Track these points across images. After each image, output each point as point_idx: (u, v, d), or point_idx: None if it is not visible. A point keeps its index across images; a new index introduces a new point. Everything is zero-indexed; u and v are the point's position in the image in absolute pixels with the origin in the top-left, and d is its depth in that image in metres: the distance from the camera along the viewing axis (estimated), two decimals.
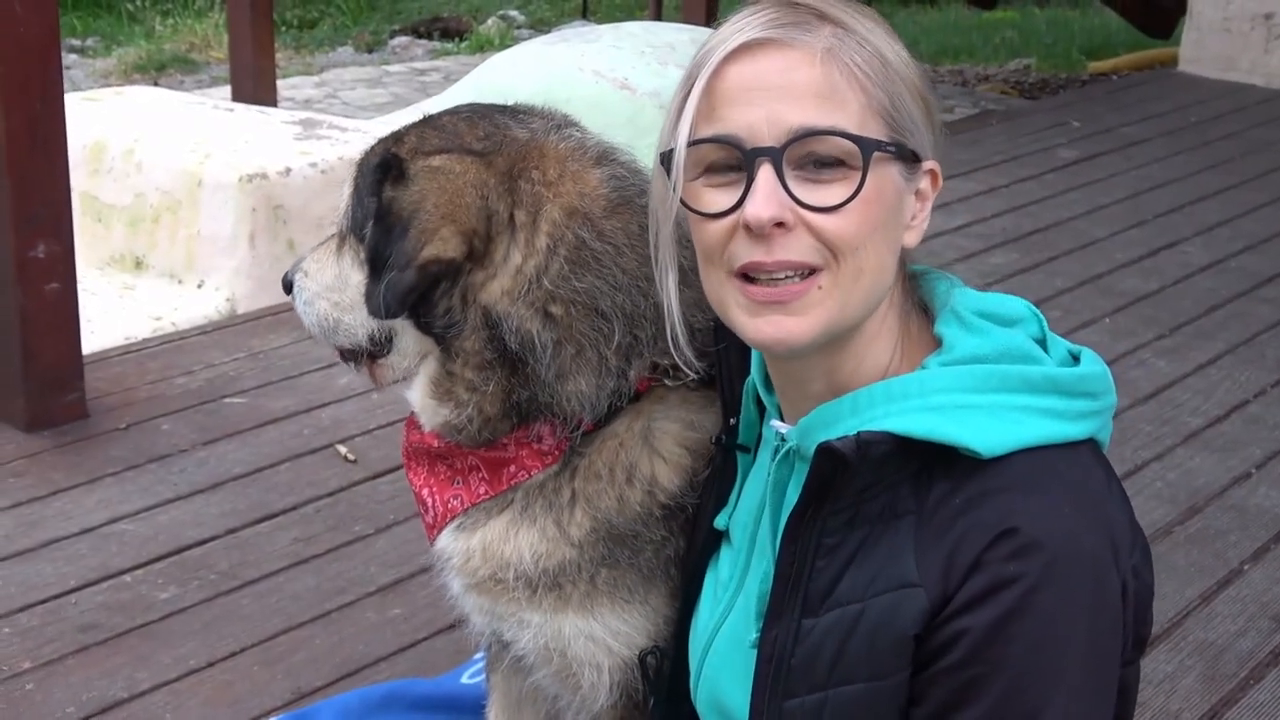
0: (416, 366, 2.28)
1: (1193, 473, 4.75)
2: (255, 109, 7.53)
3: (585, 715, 2.34)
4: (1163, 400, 5.30)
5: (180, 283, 6.27)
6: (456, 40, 14.74)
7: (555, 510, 2.21)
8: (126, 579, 3.97)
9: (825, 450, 1.78)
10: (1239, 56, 10.46)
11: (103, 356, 5.33)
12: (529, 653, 2.31)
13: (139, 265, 6.40)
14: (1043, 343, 1.93)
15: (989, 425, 1.77)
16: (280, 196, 6.24)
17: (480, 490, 2.26)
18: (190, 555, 4.10)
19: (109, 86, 10.09)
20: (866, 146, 1.76)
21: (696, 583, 2.15)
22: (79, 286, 4.87)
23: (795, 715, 1.83)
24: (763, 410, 2.08)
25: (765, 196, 1.76)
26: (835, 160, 1.77)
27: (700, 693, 2.10)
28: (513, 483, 2.22)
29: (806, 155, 1.77)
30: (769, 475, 1.98)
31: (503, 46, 13.08)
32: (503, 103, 2.36)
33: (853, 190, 1.76)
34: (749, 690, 1.90)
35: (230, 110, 7.34)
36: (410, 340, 2.25)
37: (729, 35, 1.82)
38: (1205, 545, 4.31)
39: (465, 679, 3.35)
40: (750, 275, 1.81)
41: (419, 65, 13.53)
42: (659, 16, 11.51)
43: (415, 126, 2.27)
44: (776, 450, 1.98)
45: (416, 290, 2.14)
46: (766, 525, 1.98)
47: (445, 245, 2.12)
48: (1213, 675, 3.67)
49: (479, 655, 3.14)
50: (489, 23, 15.33)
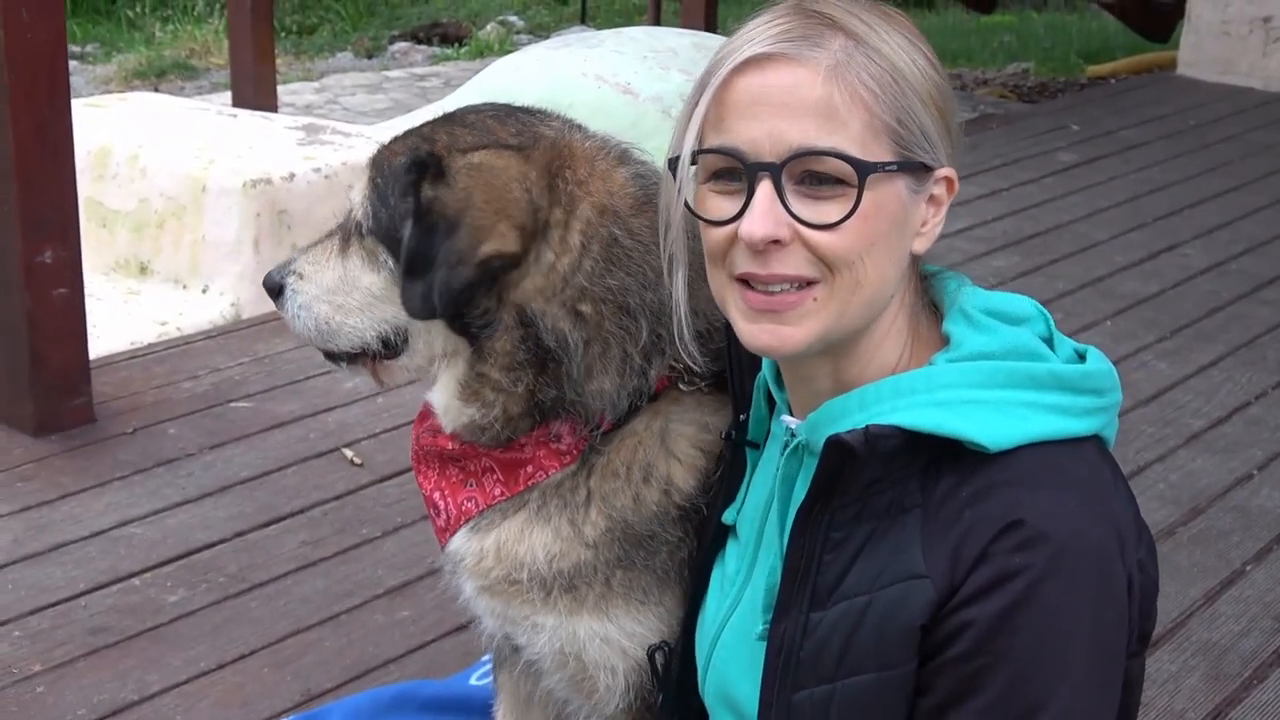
0: (430, 367, 2.27)
1: (1195, 474, 4.78)
2: (258, 114, 7.55)
3: (597, 718, 2.35)
4: (1164, 402, 5.32)
5: (185, 288, 6.29)
6: (456, 46, 14.76)
7: (571, 509, 2.22)
8: (136, 582, 3.99)
9: (834, 443, 1.81)
10: (1237, 59, 10.49)
11: (109, 361, 5.35)
12: (543, 657, 2.31)
13: (144, 270, 6.43)
14: (1049, 341, 1.95)
15: (995, 420, 1.80)
16: (284, 201, 6.26)
17: (496, 492, 2.26)
18: (199, 558, 4.12)
19: (109, 93, 10.12)
20: (863, 169, 1.78)
21: (703, 577, 2.18)
22: (85, 292, 4.89)
23: (804, 707, 1.85)
24: (772, 406, 2.11)
25: (762, 213, 1.79)
26: (833, 178, 1.79)
27: (708, 686, 2.12)
28: (530, 483, 2.23)
29: (805, 173, 1.80)
30: (777, 470, 2.01)
31: (502, 52, 13.10)
32: (509, 104, 2.36)
33: (849, 209, 1.79)
34: (757, 683, 1.92)
35: (233, 116, 7.36)
36: (432, 340, 2.23)
37: (740, 46, 1.84)
38: (1208, 546, 4.33)
39: (474, 680, 3.37)
40: (749, 281, 1.85)
41: (419, 71, 13.55)
42: (658, 21, 11.54)
43: (441, 125, 2.24)
44: (786, 445, 2.00)
45: (474, 287, 2.12)
46: (774, 519, 2.00)
47: (504, 240, 2.11)
48: (1216, 675, 3.69)
49: (486, 657, 3.16)
50: (488, 28, 15.35)
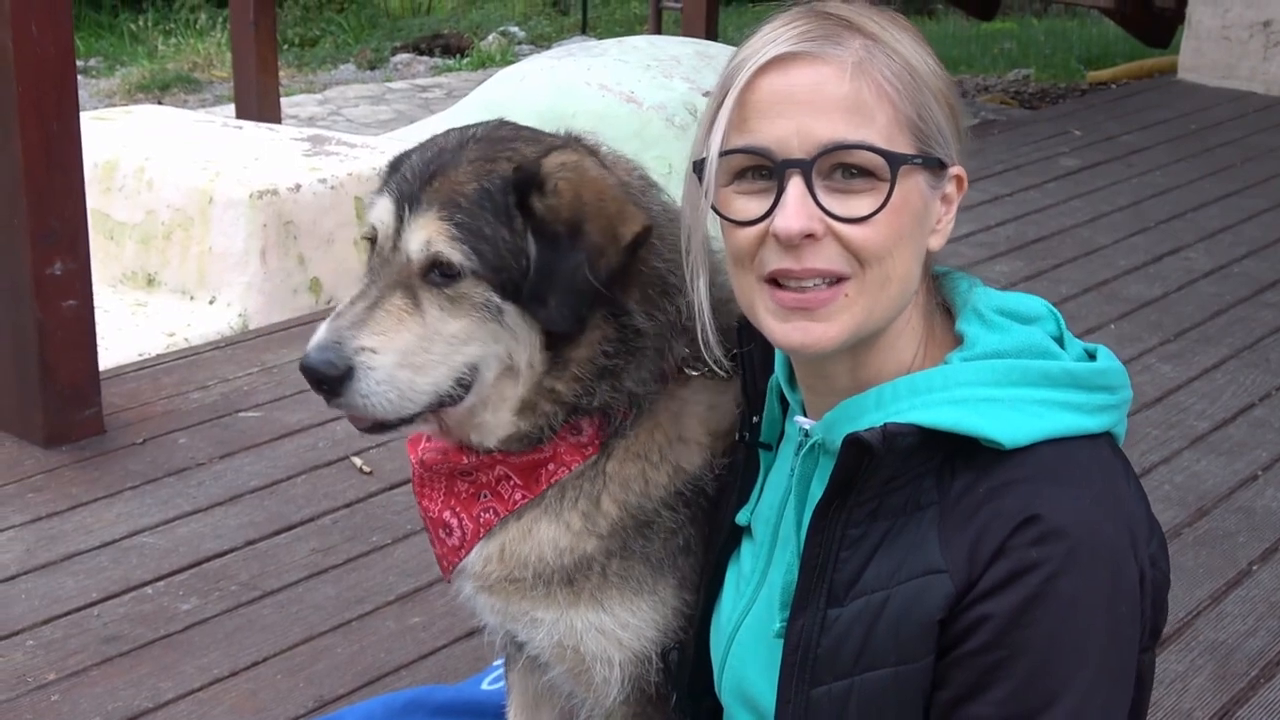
0: (489, 394, 2.20)
1: (1200, 475, 4.80)
2: (263, 126, 7.59)
3: (599, 713, 2.37)
4: (1168, 404, 5.35)
5: (192, 299, 6.32)
6: (458, 57, 14.82)
7: (586, 500, 2.24)
8: (148, 591, 4.01)
9: (852, 441, 1.83)
10: (1238, 64, 10.52)
11: (118, 372, 5.38)
12: (542, 651, 2.34)
13: (151, 282, 6.46)
14: (1060, 340, 1.98)
15: (1011, 417, 1.83)
16: (291, 212, 6.29)
17: (517, 497, 2.27)
18: (210, 567, 4.14)
19: (113, 106, 10.15)
20: (894, 160, 1.81)
21: (718, 578, 2.20)
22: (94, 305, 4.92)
23: (822, 703, 1.88)
24: (785, 407, 2.13)
25: (795, 209, 1.81)
26: (863, 171, 1.82)
27: (725, 684, 2.14)
28: (552, 480, 2.24)
29: (835, 167, 1.83)
30: (793, 469, 2.03)
31: (504, 62, 13.16)
32: (502, 118, 2.38)
33: (881, 202, 1.82)
34: (775, 680, 1.94)
35: (239, 128, 7.40)
36: (514, 362, 2.17)
37: (761, 47, 1.87)
38: (1214, 547, 4.35)
39: (486, 685, 3.38)
40: (779, 280, 1.86)
41: (421, 82, 13.61)
42: (659, 31, 11.58)
43: (491, 147, 2.19)
44: (800, 445, 2.03)
45: (624, 272, 2.14)
46: (791, 518, 2.03)
47: (636, 218, 2.14)
48: (1224, 674, 3.71)
49: (498, 662, 3.18)
50: (490, 39, 15.41)
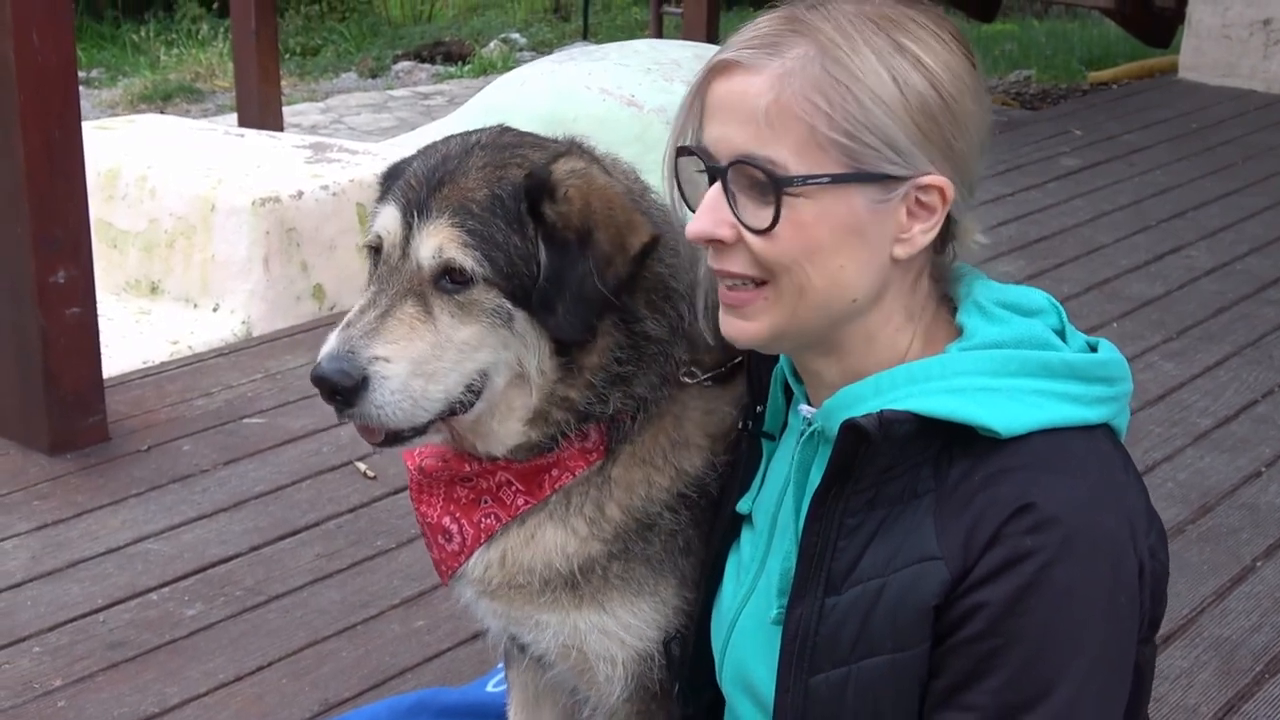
0: (497, 402, 2.20)
1: (1203, 472, 4.80)
2: (265, 134, 7.61)
3: (602, 710, 2.38)
4: (1171, 402, 5.35)
5: (196, 306, 6.33)
6: (459, 64, 14.84)
7: (591, 505, 2.24)
8: (153, 597, 4.02)
9: (849, 427, 1.84)
10: (1238, 63, 10.52)
11: (122, 380, 5.39)
12: (547, 652, 2.34)
13: (155, 290, 6.47)
14: (1062, 333, 1.98)
15: (1008, 406, 1.84)
16: (293, 219, 6.31)
17: (519, 503, 2.26)
18: (215, 572, 4.15)
19: (116, 117, 10.17)
20: (779, 182, 1.82)
21: (718, 566, 2.21)
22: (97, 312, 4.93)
23: (820, 690, 1.89)
24: (789, 398, 2.15)
25: (703, 212, 1.88)
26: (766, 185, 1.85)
27: (726, 672, 2.15)
28: (556, 486, 2.24)
29: (746, 177, 1.86)
30: (793, 457, 2.04)
31: (505, 69, 13.15)
32: (503, 124, 2.38)
33: (770, 220, 1.84)
34: (774, 667, 1.95)
35: (240, 136, 7.41)
36: (524, 368, 2.17)
37: (720, 49, 1.92)
38: (1218, 543, 4.35)
39: (490, 688, 3.39)
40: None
41: (423, 89, 13.63)
42: (660, 36, 11.58)
43: (499, 153, 2.19)
44: (801, 434, 2.04)
45: (633, 281, 2.15)
46: (789, 505, 2.04)
47: (643, 231, 2.16)
48: (1228, 670, 3.71)
49: (502, 664, 3.19)
50: (491, 46, 15.43)
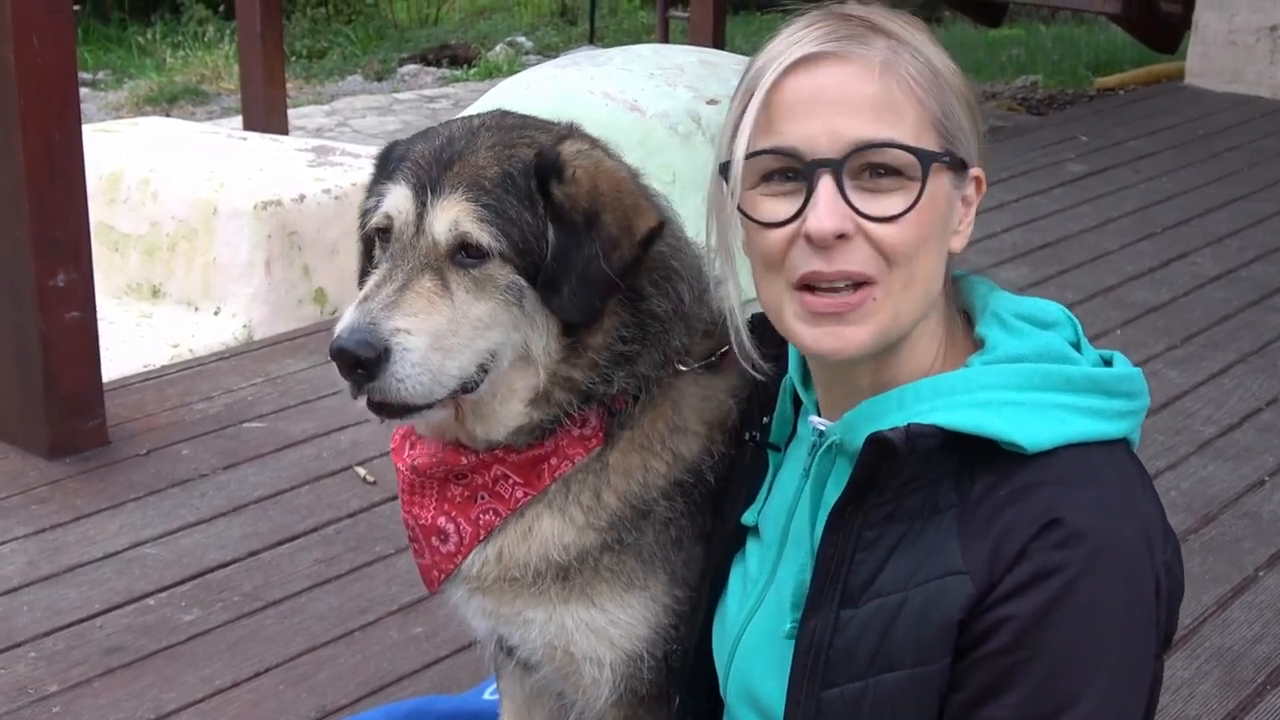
0: (501, 382, 2.18)
1: (1207, 481, 4.78)
2: (268, 137, 7.60)
3: (589, 715, 2.36)
4: (1175, 410, 5.32)
5: (197, 310, 6.33)
6: (465, 67, 14.83)
7: (588, 493, 2.22)
8: (150, 602, 4.01)
9: (876, 440, 1.83)
10: (1245, 69, 10.49)
11: (123, 384, 5.38)
12: (533, 652, 2.32)
13: (156, 293, 6.46)
14: (1077, 346, 1.98)
15: (1034, 421, 1.82)
16: (295, 223, 6.30)
17: (518, 495, 2.24)
18: (213, 577, 4.14)
19: (121, 119, 10.17)
20: (925, 158, 1.82)
21: (721, 578, 2.19)
22: (97, 315, 4.91)
23: (834, 704, 1.87)
24: (797, 407, 2.12)
25: (827, 208, 1.81)
26: (891, 170, 1.82)
27: (730, 686, 2.13)
28: (555, 475, 2.22)
29: (864, 166, 1.83)
30: (807, 470, 2.02)
31: (511, 73, 13.13)
32: (502, 109, 2.37)
33: (912, 200, 1.82)
34: (784, 681, 1.93)
35: (243, 139, 7.41)
36: (529, 350, 2.16)
37: (786, 49, 1.87)
38: (1220, 552, 4.33)
39: (487, 695, 3.37)
40: (810, 285, 1.86)
41: (428, 92, 13.62)
42: (666, 40, 11.58)
43: (508, 133, 2.18)
44: (814, 446, 2.02)
45: (637, 265, 2.14)
46: (804, 518, 2.02)
47: (649, 215, 2.15)
48: (1230, 681, 3.69)
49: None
50: (497, 49, 15.42)
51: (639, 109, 7.32)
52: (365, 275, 2.22)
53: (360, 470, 4.76)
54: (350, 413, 5.06)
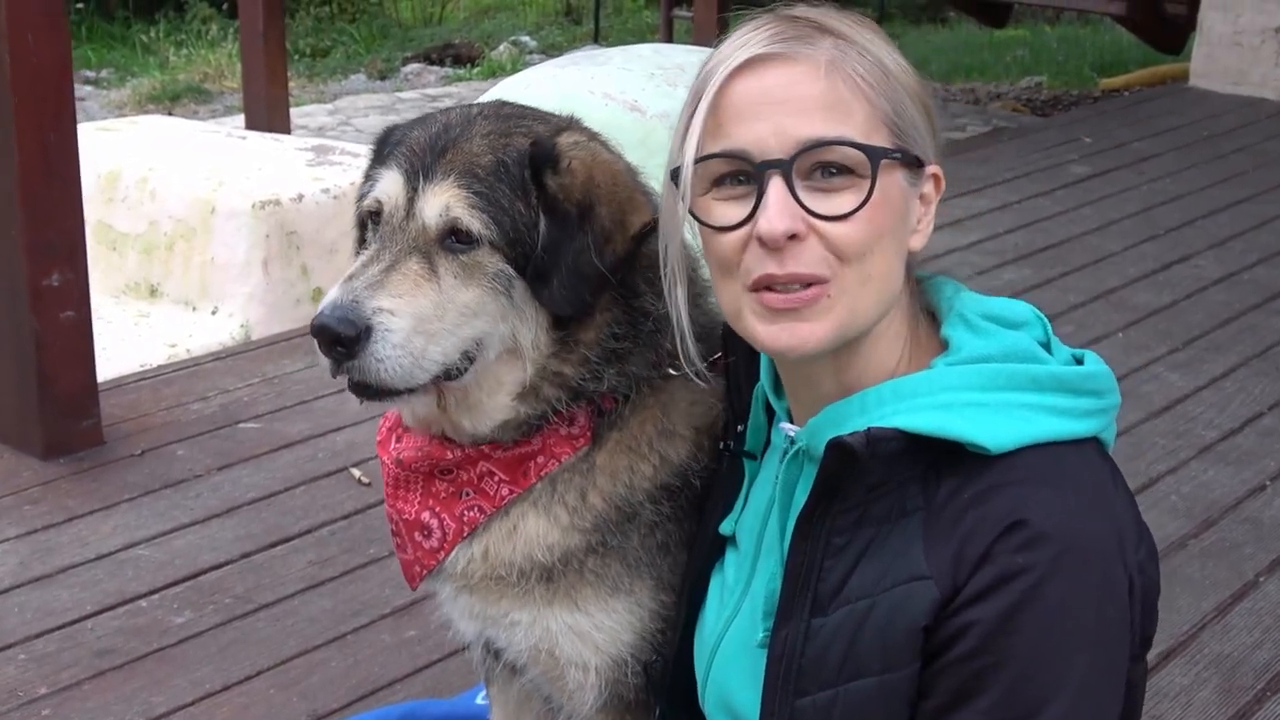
0: (486, 373, 2.16)
1: (1207, 485, 4.75)
2: (268, 136, 7.58)
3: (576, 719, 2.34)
4: (1176, 414, 5.29)
5: (195, 309, 6.31)
6: (468, 66, 14.81)
7: (574, 493, 2.20)
8: (142, 604, 3.98)
9: (836, 446, 1.80)
10: (1250, 70, 10.46)
11: (118, 383, 5.36)
12: (519, 654, 2.30)
13: (154, 293, 6.44)
14: (1047, 346, 1.95)
15: (997, 422, 1.80)
16: (293, 222, 6.28)
17: (503, 493, 2.22)
18: (206, 579, 4.11)
19: (123, 117, 10.16)
20: (874, 154, 1.80)
21: (701, 588, 2.17)
22: (95, 315, 4.90)
23: (807, 713, 1.84)
24: (771, 416, 2.10)
25: (778, 209, 1.79)
26: (842, 169, 1.80)
27: (708, 696, 2.11)
28: (542, 474, 2.20)
29: (815, 165, 1.80)
30: (777, 477, 2.00)
31: (514, 72, 13.10)
32: (501, 99, 2.36)
33: (862, 198, 1.79)
34: (759, 691, 1.91)
35: (243, 138, 7.39)
36: (517, 342, 2.14)
37: (732, 51, 1.85)
38: (1220, 558, 4.30)
39: (480, 699, 3.35)
40: (766, 285, 1.84)
41: (431, 92, 13.59)
42: (670, 39, 11.56)
43: (505, 122, 2.17)
44: (785, 453, 2.00)
45: (630, 260, 2.13)
46: (774, 526, 2.00)
47: (644, 210, 2.13)
48: (1229, 688, 3.66)
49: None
50: (500, 49, 15.40)
51: (639, 109, 7.30)
52: None
53: (355, 472, 4.73)
54: (346, 414, 5.10)
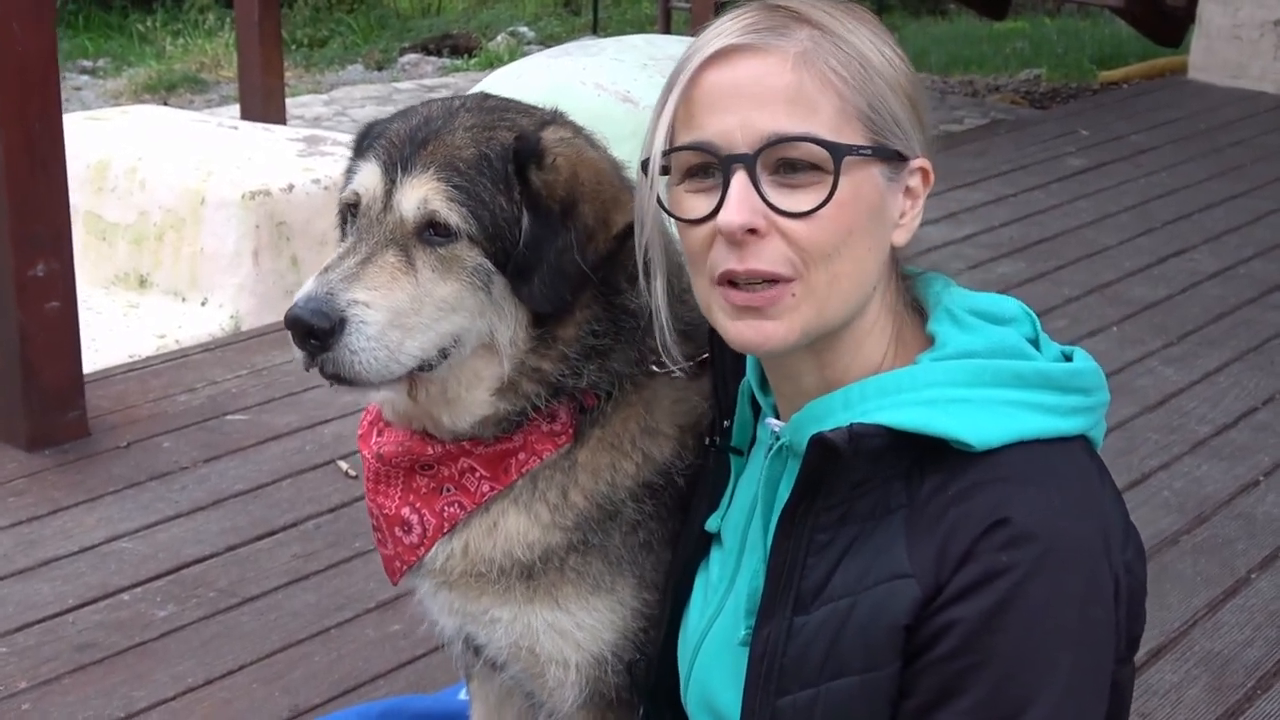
0: (464, 368, 2.14)
1: (1200, 481, 4.72)
2: (259, 126, 7.54)
3: (558, 718, 2.31)
4: (1170, 408, 5.26)
5: (184, 300, 6.28)
6: (466, 57, 14.77)
7: (555, 491, 2.17)
8: (125, 597, 3.95)
9: (818, 442, 1.77)
10: (1249, 63, 10.43)
11: (105, 375, 5.33)
12: (500, 651, 2.28)
13: (143, 283, 6.41)
14: (1035, 342, 1.92)
15: (981, 418, 1.76)
16: (284, 213, 6.25)
17: (484, 489, 2.19)
18: (189, 573, 4.09)
19: (119, 106, 10.12)
20: (838, 152, 1.75)
21: (685, 586, 2.14)
22: (83, 305, 4.87)
23: (788, 712, 1.81)
24: (757, 412, 2.07)
25: (738, 203, 1.76)
26: (809, 165, 1.76)
27: (691, 694, 2.08)
28: (523, 471, 2.17)
29: (780, 161, 1.77)
30: (762, 473, 1.97)
31: (511, 63, 13.08)
32: (485, 91, 2.35)
33: (825, 195, 1.75)
34: (740, 689, 1.88)
35: (234, 128, 7.36)
36: (495, 337, 2.11)
37: (707, 41, 1.82)
38: (1212, 554, 4.27)
39: (464, 695, 3.32)
40: (731, 281, 1.81)
41: (428, 82, 13.55)
42: (668, 31, 11.52)
43: (489, 115, 2.14)
44: (770, 448, 1.97)
45: (612, 259, 2.09)
46: (758, 523, 1.97)
47: (627, 209, 2.09)
48: (1219, 686, 3.63)
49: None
50: (498, 39, 15.36)
51: (631, 100, 7.26)
52: None
53: (343, 464, 4.70)
54: (334, 406, 5.06)
